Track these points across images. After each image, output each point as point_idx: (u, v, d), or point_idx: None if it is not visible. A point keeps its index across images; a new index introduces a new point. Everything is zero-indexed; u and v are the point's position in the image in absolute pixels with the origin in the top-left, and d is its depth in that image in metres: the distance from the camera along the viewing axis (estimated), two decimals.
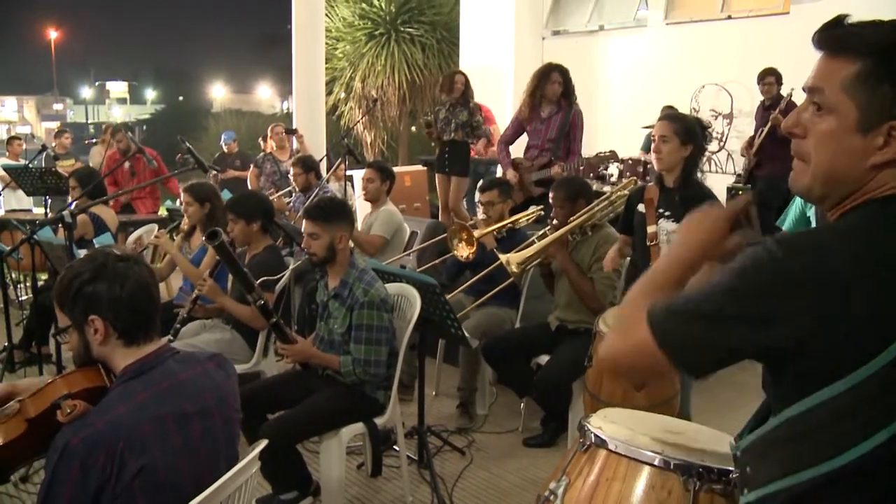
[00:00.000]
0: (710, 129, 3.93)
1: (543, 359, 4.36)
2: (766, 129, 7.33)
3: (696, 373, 1.36)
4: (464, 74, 7.48)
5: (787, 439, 1.28)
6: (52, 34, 65.33)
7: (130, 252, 2.11)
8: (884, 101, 1.23)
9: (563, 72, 6.44)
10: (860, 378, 1.17)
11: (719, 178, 8.74)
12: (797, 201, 4.14)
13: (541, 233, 4.43)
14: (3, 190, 8.65)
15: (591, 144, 8.63)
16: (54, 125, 33.83)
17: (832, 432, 1.22)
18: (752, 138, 7.65)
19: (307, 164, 6.57)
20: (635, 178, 6.25)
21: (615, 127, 9.86)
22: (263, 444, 2.16)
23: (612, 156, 6.31)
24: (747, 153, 7.67)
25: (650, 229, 3.76)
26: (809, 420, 1.23)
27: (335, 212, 3.60)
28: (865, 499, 1.22)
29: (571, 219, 4.26)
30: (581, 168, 6.54)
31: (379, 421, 3.55)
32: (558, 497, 2.06)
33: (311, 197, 6.06)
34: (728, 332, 1.25)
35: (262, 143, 10.25)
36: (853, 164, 1.27)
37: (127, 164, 8.37)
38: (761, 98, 7.70)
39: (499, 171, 7.21)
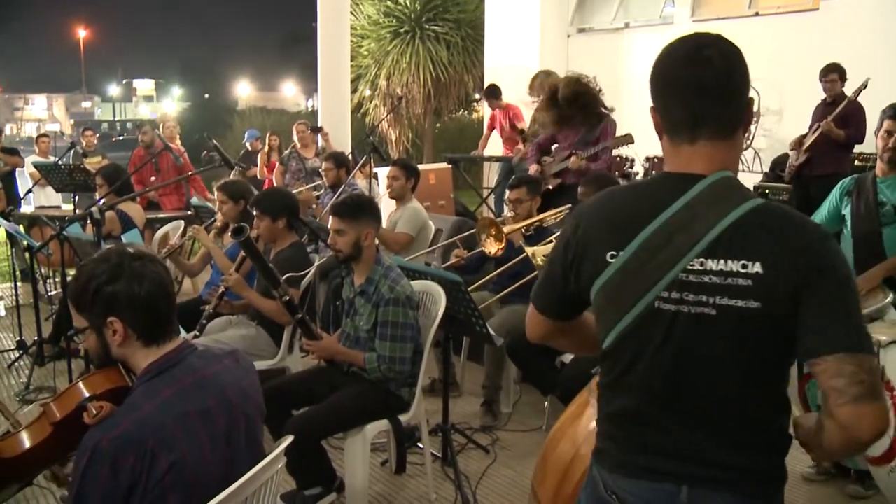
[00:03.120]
0: None
1: (568, 357, 4.34)
2: (820, 128, 6.94)
3: (548, 314, 1.83)
4: None
5: None
6: (82, 33, 66.00)
7: (146, 249, 2.09)
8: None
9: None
10: (593, 295, 1.67)
11: (746, 176, 8.66)
12: (831, 198, 4.07)
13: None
14: (33, 187, 8.75)
15: None
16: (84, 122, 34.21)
17: (598, 327, 1.72)
18: (804, 136, 7.20)
19: (339, 160, 6.58)
20: None
21: (640, 125, 9.77)
22: (289, 440, 2.16)
23: (628, 138, 6.19)
24: (798, 149, 7.23)
25: None
26: (594, 315, 1.73)
27: (362, 208, 3.61)
28: (619, 368, 1.67)
29: None
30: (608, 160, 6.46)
31: (403, 418, 3.55)
32: None
33: (339, 194, 6.09)
34: (548, 282, 1.80)
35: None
36: None
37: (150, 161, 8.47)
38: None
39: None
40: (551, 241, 4.32)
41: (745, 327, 1.53)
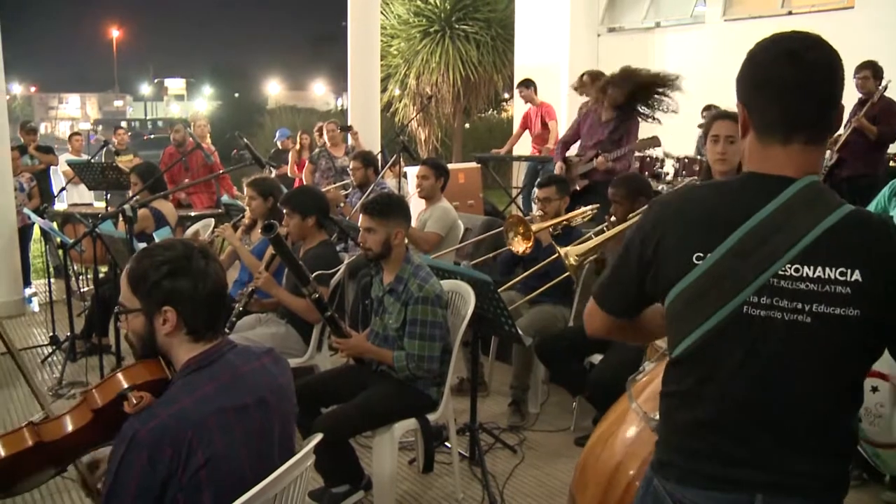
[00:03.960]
0: None
1: (597, 358, 4.31)
2: (851, 127, 6.85)
3: (615, 313, 1.79)
4: None
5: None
6: (114, 33, 66.84)
7: (209, 248, 2.10)
8: None
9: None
10: (671, 299, 1.60)
11: None
12: (880, 198, 4.01)
13: (598, 229, 4.38)
14: (67, 184, 8.87)
15: None
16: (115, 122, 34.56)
17: (672, 332, 1.65)
18: (839, 135, 7.01)
19: (367, 160, 6.60)
20: (696, 178, 6.15)
21: (671, 125, 9.71)
22: (318, 437, 2.16)
23: (655, 141, 6.20)
24: (831, 149, 7.06)
25: None
26: (666, 320, 1.67)
27: (392, 207, 3.61)
28: (694, 376, 1.62)
29: (631, 216, 4.20)
30: (634, 157, 6.47)
31: (431, 417, 3.55)
32: None
33: (368, 193, 6.10)
34: (619, 281, 1.76)
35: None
36: None
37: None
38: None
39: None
40: (585, 241, 4.30)
41: (843, 334, 1.50)
